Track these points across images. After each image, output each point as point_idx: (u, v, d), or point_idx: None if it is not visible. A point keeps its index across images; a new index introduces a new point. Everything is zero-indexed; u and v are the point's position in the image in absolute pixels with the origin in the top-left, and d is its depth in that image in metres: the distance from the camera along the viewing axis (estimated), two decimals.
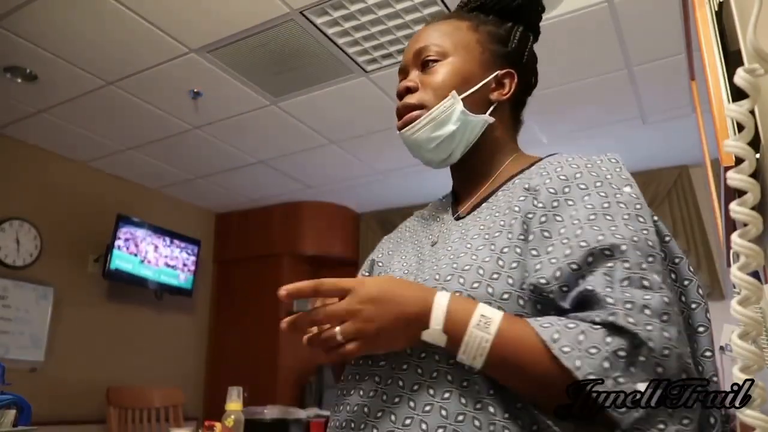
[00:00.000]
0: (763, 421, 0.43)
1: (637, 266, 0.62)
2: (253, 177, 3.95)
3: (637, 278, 0.61)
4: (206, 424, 1.78)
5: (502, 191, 0.81)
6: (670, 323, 0.59)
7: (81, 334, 3.51)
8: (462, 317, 0.62)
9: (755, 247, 0.45)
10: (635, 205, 0.68)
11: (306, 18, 2.29)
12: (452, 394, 0.65)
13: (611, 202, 0.68)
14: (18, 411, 1.25)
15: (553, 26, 2.33)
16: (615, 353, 0.57)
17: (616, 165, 0.75)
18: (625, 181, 0.72)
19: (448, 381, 0.65)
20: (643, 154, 3.56)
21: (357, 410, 0.70)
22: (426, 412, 0.64)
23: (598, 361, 0.57)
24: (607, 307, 0.59)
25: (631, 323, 0.57)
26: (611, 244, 0.63)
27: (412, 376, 0.67)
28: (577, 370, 0.57)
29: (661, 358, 0.57)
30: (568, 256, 0.64)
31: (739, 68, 0.44)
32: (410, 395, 0.66)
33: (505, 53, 0.87)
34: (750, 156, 0.44)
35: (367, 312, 0.63)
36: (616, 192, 0.70)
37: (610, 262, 0.62)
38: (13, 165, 3.31)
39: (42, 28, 2.35)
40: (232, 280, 4.53)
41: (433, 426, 0.63)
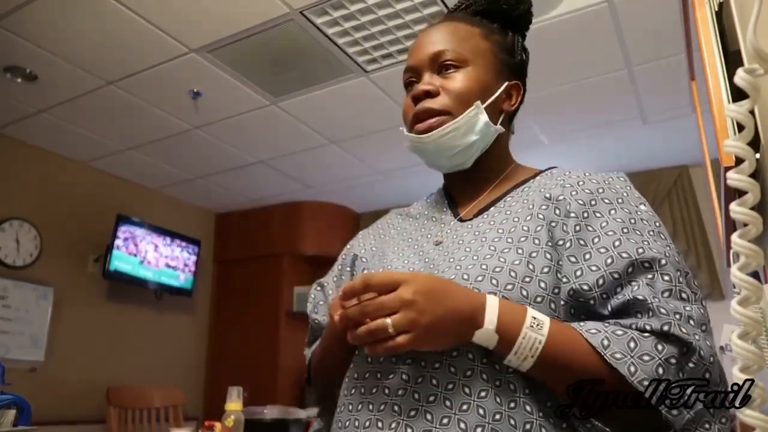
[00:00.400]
0: (763, 421, 0.43)
1: (676, 279, 0.66)
2: (253, 177, 3.95)
3: (677, 291, 0.65)
4: (206, 424, 1.78)
5: (512, 197, 0.83)
6: (708, 333, 0.64)
7: (81, 334, 3.51)
8: (515, 318, 0.64)
9: (755, 247, 0.45)
10: (655, 223, 0.74)
11: (306, 18, 2.29)
12: (488, 392, 0.65)
13: (635, 219, 0.73)
14: (18, 411, 1.25)
15: (553, 26, 2.33)
16: (667, 360, 0.60)
17: (626, 184, 0.79)
18: (639, 200, 0.77)
19: (483, 380, 0.66)
20: (643, 154, 3.56)
21: (385, 409, 0.68)
22: (463, 411, 0.64)
23: (651, 368, 0.60)
24: (659, 316, 0.62)
25: (684, 332, 0.61)
26: (651, 257, 0.67)
27: (446, 375, 0.67)
28: (632, 376, 0.60)
29: (709, 365, 0.61)
30: (610, 266, 0.67)
31: (739, 68, 0.44)
32: (445, 394, 0.66)
33: (512, 64, 0.90)
34: (750, 156, 0.44)
35: (421, 304, 0.61)
36: (636, 209, 0.74)
37: (650, 274, 0.66)
38: (13, 165, 3.31)
39: (42, 28, 2.35)
40: (232, 280, 4.53)
41: (472, 425, 0.63)
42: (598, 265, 0.68)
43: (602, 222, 0.72)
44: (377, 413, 0.68)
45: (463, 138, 0.82)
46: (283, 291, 4.26)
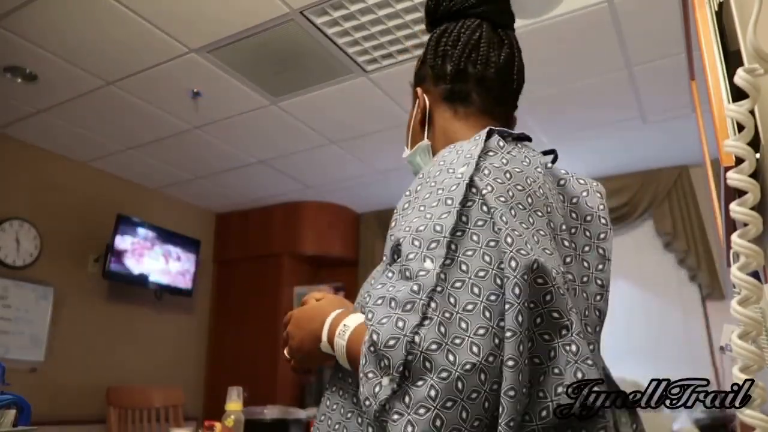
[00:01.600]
0: (763, 421, 0.43)
1: (405, 257, 0.61)
2: (253, 177, 3.95)
3: (404, 269, 0.61)
4: (206, 424, 1.78)
5: None
6: (412, 312, 0.56)
7: (81, 334, 3.51)
8: (333, 329, 0.70)
9: (755, 247, 0.45)
10: (451, 187, 0.65)
11: (306, 18, 2.29)
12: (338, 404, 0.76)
13: (433, 191, 0.67)
14: (18, 411, 1.25)
15: (553, 26, 2.33)
16: (367, 349, 0.58)
17: (473, 143, 0.73)
18: (465, 161, 0.69)
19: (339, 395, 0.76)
20: (643, 154, 3.56)
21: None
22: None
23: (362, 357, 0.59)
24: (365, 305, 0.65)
25: (368, 320, 0.60)
26: (399, 238, 0.64)
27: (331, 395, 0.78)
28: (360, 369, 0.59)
29: (384, 349, 0.55)
30: (387, 256, 0.69)
31: (739, 68, 0.44)
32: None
33: (415, 77, 0.96)
34: (750, 156, 0.44)
35: (291, 331, 0.80)
36: (446, 177, 0.68)
37: (399, 256, 0.64)
38: (13, 165, 3.31)
39: (42, 28, 2.35)
40: (232, 280, 4.53)
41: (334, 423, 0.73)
42: (386, 254, 0.70)
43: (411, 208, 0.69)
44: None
45: (417, 169, 0.92)
46: (283, 291, 4.26)
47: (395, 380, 0.54)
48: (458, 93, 0.88)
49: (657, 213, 3.71)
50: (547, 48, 2.46)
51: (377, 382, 0.55)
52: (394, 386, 0.54)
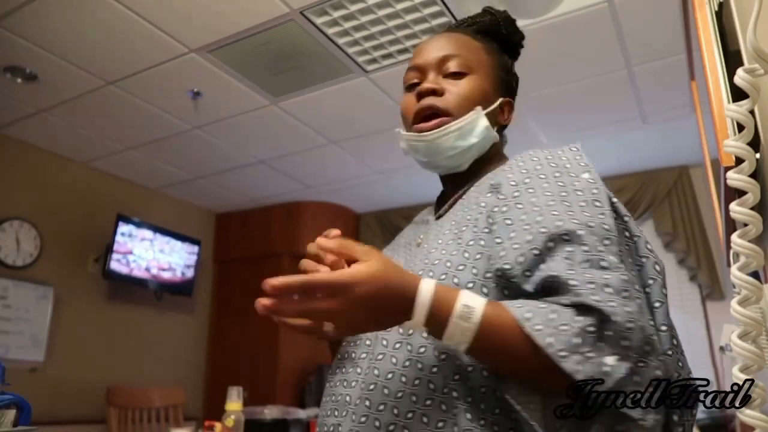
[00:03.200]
0: (763, 421, 0.43)
1: (594, 249, 0.65)
2: (253, 177, 3.95)
3: (596, 260, 0.64)
4: (206, 424, 1.78)
5: (473, 189, 0.86)
6: (630, 299, 0.61)
7: (81, 334, 3.51)
8: (445, 308, 0.63)
9: (755, 247, 0.45)
10: (591, 191, 0.72)
11: (306, 18, 2.29)
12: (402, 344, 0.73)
13: (569, 190, 0.72)
14: (18, 411, 1.25)
15: (553, 26, 2.33)
16: (584, 329, 0.59)
17: (576, 153, 0.79)
18: (583, 168, 0.75)
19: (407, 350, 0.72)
20: (643, 154, 3.56)
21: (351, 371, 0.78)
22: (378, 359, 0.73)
23: (568, 337, 0.58)
24: (571, 289, 0.62)
25: (596, 300, 0.60)
26: (568, 229, 0.66)
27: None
28: (549, 347, 0.58)
29: (625, 331, 0.58)
30: (530, 242, 0.67)
31: (739, 68, 0.44)
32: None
33: (508, 82, 0.94)
34: (750, 156, 0.44)
35: (353, 316, 0.62)
36: (574, 180, 0.73)
37: (570, 246, 0.65)
38: (13, 165, 3.31)
39: (42, 28, 2.35)
40: (232, 280, 4.52)
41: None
42: (520, 243, 0.68)
43: (532, 198, 0.72)
44: (334, 404, 0.75)
45: (463, 140, 0.85)
46: None
47: (632, 360, 0.58)
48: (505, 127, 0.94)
49: (657, 213, 3.70)
50: (547, 48, 2.46)
51: (600, 361, 0.58)
52: (631, 365, 0.58)
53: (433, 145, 0.85)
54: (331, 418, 0.73)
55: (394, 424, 0.67)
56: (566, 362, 0.57)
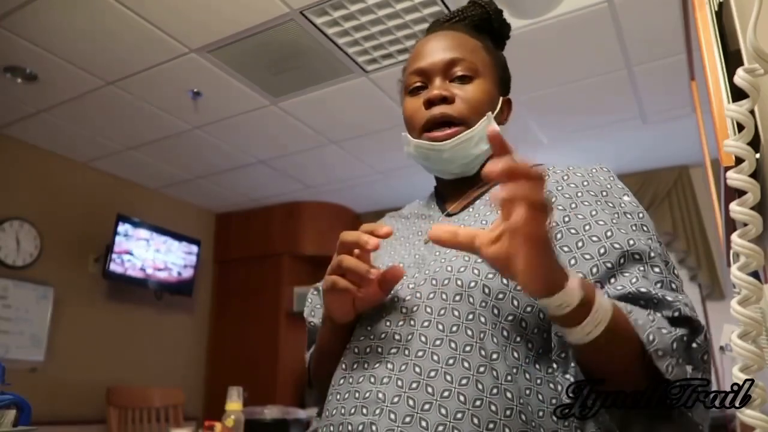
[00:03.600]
0: (763, 421, 0.43)
1: (665, 271, 0.69)
2: (253, 177, 3.95)
3: (668, 282, 0.68)
4: (206, 424, 1.78)
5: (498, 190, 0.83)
6: (698, 318, 0.66)
7: (81, 334, 3.51)
8: (588, 285, 0.58)
9: (755, 247, 0.45)
10: (639, 215, 0.75)
11: (306, 18, 2.29)
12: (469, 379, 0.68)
13: (619, 212, 0.74)
14: (18, 411, 1.25)
15: (553, 26, 2.33)
16: (681, 337, 0.62)
17: (609, 175, 0.82)
18: (623, 191, 0.78)
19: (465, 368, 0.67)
20: (643, 154, 3.56)
21: (370, 396, 0.70)
22: (445, 397, 0.66)
23: (668, 340, 0.61)
24: (668, 303, 0.65)
25: (690, 315, 0.65)
26: (641, 249, 0.68)
27: (430, 363, 0.68)
28: (650, 344, 0.60)
29: (704, 343, 0.64)
30: (603, 255, 0.69)
31: (739, 68, 0.44)
32: (427, 381, 0.68)
33: (505, 80, 0.93)
34: (750, 156, 0.44)
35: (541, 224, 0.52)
36: (620, 202, 0.76)
37: (641, 266, 0.68)
38: (13, 165, 3.31)
39: (42, 28, 2.35)
40: (232, 280, 4.52)
41: (452, 410, 0.64)
42: (591, 254, 0.69)
43: (591, 211, 0.74)
44: (362, 401, 0.69)
45: (475, 147, 0.84)
46: (283, 291, 4.26)
47: (705, 372, 0.64)
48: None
49: (657, 213, 3.70)
50: (546, 48, 2.46)
51: (685, 369, 0.62)
52: (700, 375, 0.63)
53: (448, 154, 0.83)
54: (357, 416, 0.68)
55: (443, 425, 0.63)
56: (661, 361, 0.60)
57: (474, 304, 0.70)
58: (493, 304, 0.70)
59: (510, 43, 0.98)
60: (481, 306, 0.70)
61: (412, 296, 0.74)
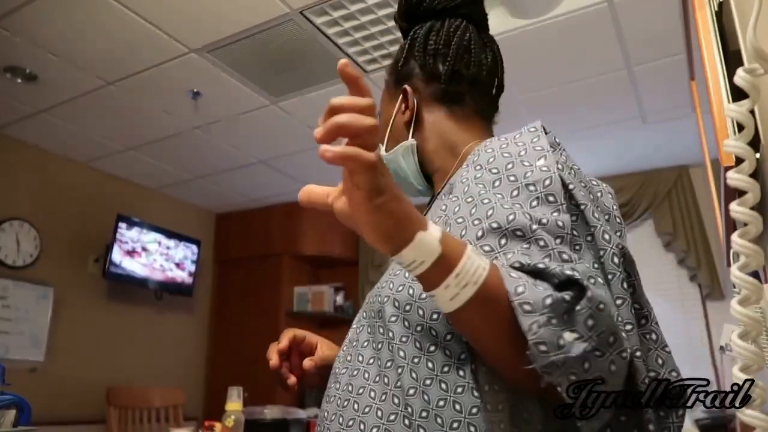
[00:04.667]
0: (763, 421, 0.43)
1: (552, 243, 0.61)
2: (253, 177, 3.95)
3: (556, 253, 0.60)
4: (206, 424, 1.78)
5: (439, 196, 0.84)
6: (598, 286, 0.57)
7: (81, 334, 3.51)
8: (456, 242, 0.54)
9: (755, 247, 0.45)
10: (545, 182, 0.65)
11: (306, 18, 2.29)
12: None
13: (520, 185, 0.66)
14: (18, 411, 1.25)
15: (553, 26, 2.33)
16: (562, 297, 0.53)
17: (533, 135, 0.72)
18: (539, 153, 0.69)
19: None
20: (643, 154, 3.56)
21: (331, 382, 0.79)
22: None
23: (540, 295, 0.52)
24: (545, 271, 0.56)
25: (573, 275, 0.54)
26: (522, 224, 0.61)
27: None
28: (517, 296, 0.52)
29: (595, 311, 0.52)
30: (481, 239, 0.63)
31: (739, 68, 0.44)
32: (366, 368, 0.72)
33: (397, 74, 0.92)
34: (750, 156, 0.44)
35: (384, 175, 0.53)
36: (527, 170, 0.67)
37: (524, 242, 0.60)
38: (13, 165, 3.31)
39: (42, 28, 2.35)
40: (232, 280, 4.52)
41: None
42: (470, 239, 0.64)
43: (481, 191, 0.68)
44: (322, 420, 0.76)
45: (400, 167, 0.89)
46: (283, 291, 4.26)
47: (591, 345, 0.52)
48: (453, 94, 0.88)
49: (657, 213, 3.70)
50: (547, 48, 2.46)
51: (559, 333, 0.51)
52: (587, 349, 0.51)
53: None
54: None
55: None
56: (526, 318, 0.51)
57: (385, 319, 0.71)
58: (403, 317, 0.69)
59: (510, 43, 0.98)
60: (391, 321, 0.70)
61: (368, 311, 0.77)
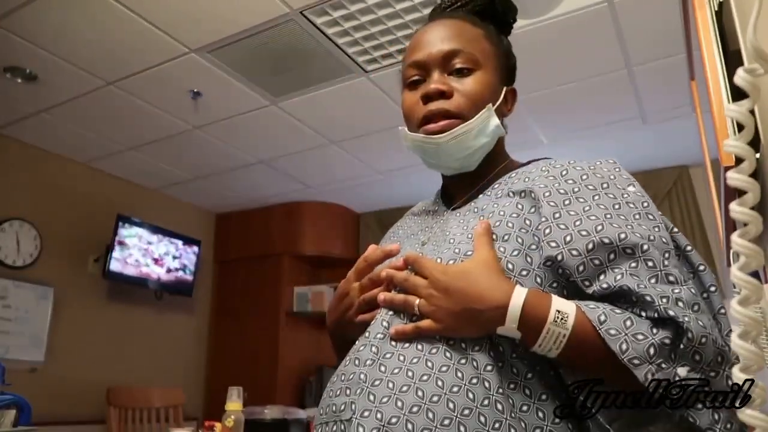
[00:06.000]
0: (763, 421, 0.43)
1: (660, 263, 0.65)
2: (253, 177, 3.95)
3: (663, 275, 0.64)
4: (206, 424, 1.78)
5: (500, 183, 0.84)
6: (701, 312, 0.62)
7: (81, 334, 3.51)
8: (539, 314, 0.64)
9: (755, 247, 0.44)
10: (642, 203, 0.71)
11: (306, 18, 2.29)
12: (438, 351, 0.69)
13: (621, 203, 0.71)
14: (18, 411, 1.25)
15: (553, 26, 2.33)
16: (662, 342, 0.60)
17: (614, 166, 0.78)
18: (627, 181, 0.75)
19: (446, 357, 0.68)
20: (643, 154, 3.56)
21: (353, 378, 0.71)
22: (423, 380, 0.67)
23: (643, 347, 0.59)
24: (647, 303, 0.62)
25: (674, 315, 0.60)
26: (633, 243, 0.65)
27: (413, 351, 0.69)
28: (623, 354, 0.59)
29: (699, 346, 0.60)
30: (591, 252, 0.66)
31: (739, 68, 0.44)
32: (409, 367, 0.68)
33: (509, 68, 0.90)
34: (750, 156, 0.44)
35: (440, 299, 0.68)
36: (622, 192, 0.73)
37: (633, 261, 0.65)
38: (13, 165, 3.31)
39: (42, 28, 2.35)
40: (232, 280, 4.53)
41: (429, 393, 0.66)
42: (579, 250, 0.67)
43: (585, 207, 0.71)
44: (346, 382, 0.71)
45: (474, 140, 0.82)
46: (283, 291, 4.26)
47: (704, 372, 0.60)
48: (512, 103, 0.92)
49: None
50: (547, 48, 2.46)
51: (672, 371, 0.59)
52: (703, 377, 0.59)
53: (443, 147, 0.81)
54: (341, 397, 0.70)
55: (417, 406, 0.65)
56: (639, 370, 0.59)
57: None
58: None
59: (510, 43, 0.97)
60: None
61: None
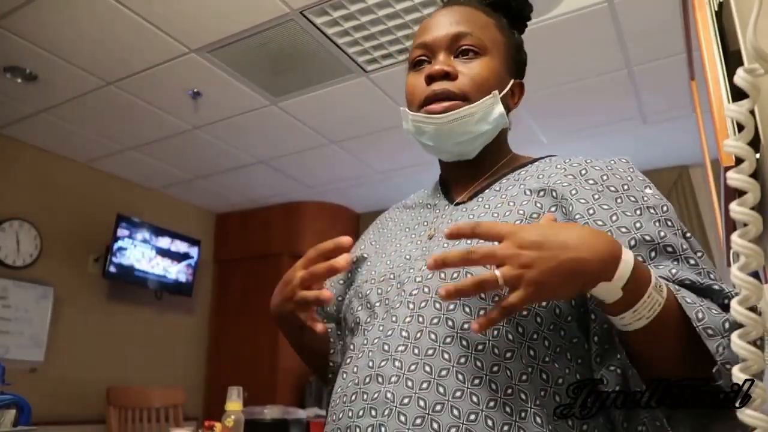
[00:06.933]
0: (763, 421, 0.43)
1: (702, 264, 0.66)
2: (253, 177, 3.95)
3: (706, 273, 0.65)
4: (206, 424, 1.78)
5: (509, 179, 0.82)
6: None
7: (81, 334, 3.51)
8: (644, 276, 0.59)
9: (755, 247, 0.44)
10: (662, 208, 0.71)
11: (306, 18, 2.29)
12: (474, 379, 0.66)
13: (642, 207, 0.71)
14: (18, 411, 1.25)
15: (553, 26, 2.33)
16: (735, 321, 0.58)
17: (629, 166, 0.77)
18: (643, 183, 0.75)
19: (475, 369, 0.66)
20: (643, 154, 3.56)
21: (378, 397, 0.67)
22: (456, 397, 0.65)
23: (718, 320, 0.58)
24: (715, 290, 0.63)
25: (720, 293, 0.62)
26: (674, 243, 0.67)
27: (440, 361, 0.67)
28: (699, 322, 0.58)
29: None
30: (634, 248, 0.66)
31: (739, 68, 0.44)
32: (438, 380, 0.66)
33: (519, 62, 0.90)
34: (750, 156, 0.44)
35: (528, 258, 0.56)
36: (642, 195, 0.73)
37: (674, 259, 0.66)
38: (13, 165, 3.31)
39: (42, 28, 2.35)
40: (232, 280, 4.53)
41: (445, 425, 0.64)
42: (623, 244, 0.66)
43: (615, 206, 0.71)
44: (371, 402, 0.67)
45: (476, 125, 0.79)
46: None
47: None
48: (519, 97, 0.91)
49: None
50: (546, 48, 2.46)
51: (734, 353, 0.59)
52: None
53: (443, 128, 0.79)
54: (366, 419, 0.66)
55: (455, 427, 0.62)
56: (711, 341, 0.57)
57: (486, 300, 0.68)
58: (516, 321, 0.68)
59: None
60: (494, 300, 0.67)
61: (419, 291, 0.72)
